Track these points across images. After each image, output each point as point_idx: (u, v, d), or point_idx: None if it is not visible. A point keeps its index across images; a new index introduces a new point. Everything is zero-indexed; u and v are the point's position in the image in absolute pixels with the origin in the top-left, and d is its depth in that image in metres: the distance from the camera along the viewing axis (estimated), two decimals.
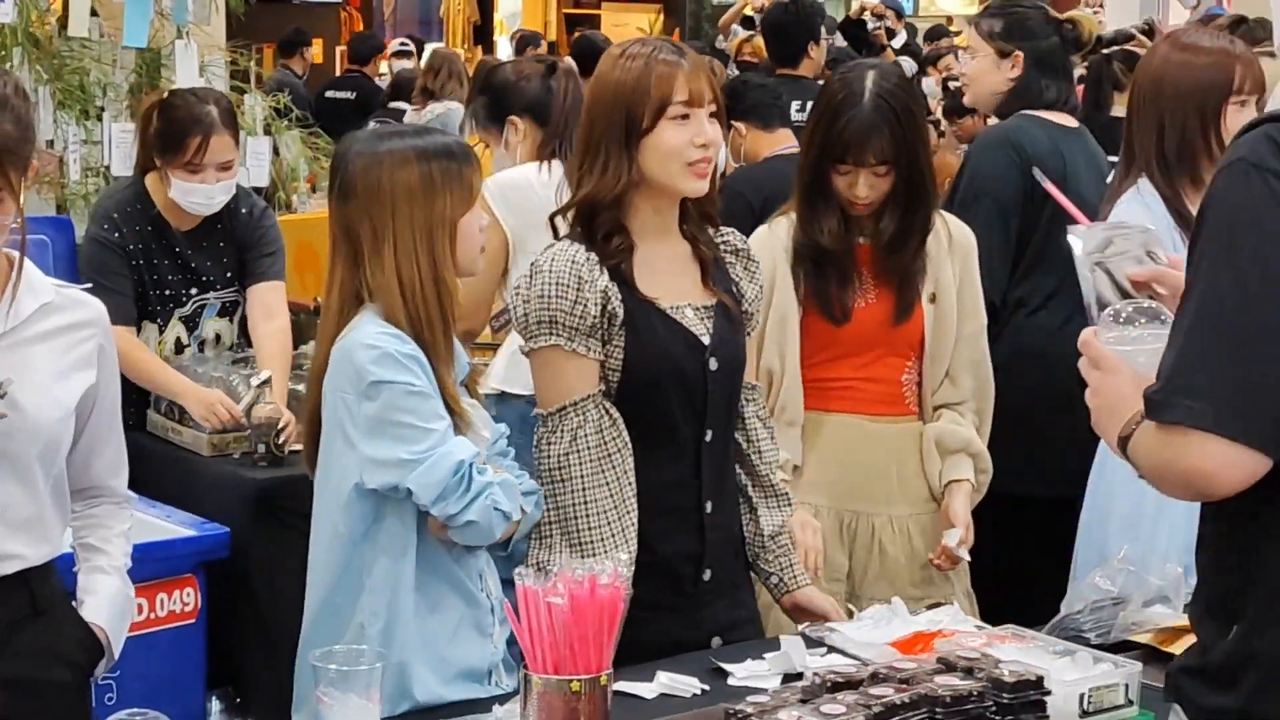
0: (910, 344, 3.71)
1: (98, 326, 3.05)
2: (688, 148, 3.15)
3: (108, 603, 3.13)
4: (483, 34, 20.08)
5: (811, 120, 3.71)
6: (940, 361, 3.73)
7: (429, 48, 14.01)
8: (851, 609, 3.46)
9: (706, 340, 3.26)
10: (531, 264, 3.24)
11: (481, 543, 3.13)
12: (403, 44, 13.75)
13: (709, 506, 3.28)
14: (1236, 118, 3.69)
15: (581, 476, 3.18)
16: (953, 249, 3.73)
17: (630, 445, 3.20)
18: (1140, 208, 3.74)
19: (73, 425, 2.99)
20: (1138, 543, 3.53)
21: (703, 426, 3.27)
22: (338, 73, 16.02)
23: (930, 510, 3.76)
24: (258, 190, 6.00)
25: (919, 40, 13.23)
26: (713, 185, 3.24)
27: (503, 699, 2.89)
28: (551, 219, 3.35)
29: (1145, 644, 3.14)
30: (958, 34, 14.36)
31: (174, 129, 4.75)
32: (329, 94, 11.94)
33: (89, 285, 3.13)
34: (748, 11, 11.28)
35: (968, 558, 3.69)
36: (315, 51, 13.65)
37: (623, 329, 3.19)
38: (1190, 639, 3.06)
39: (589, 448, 3.18)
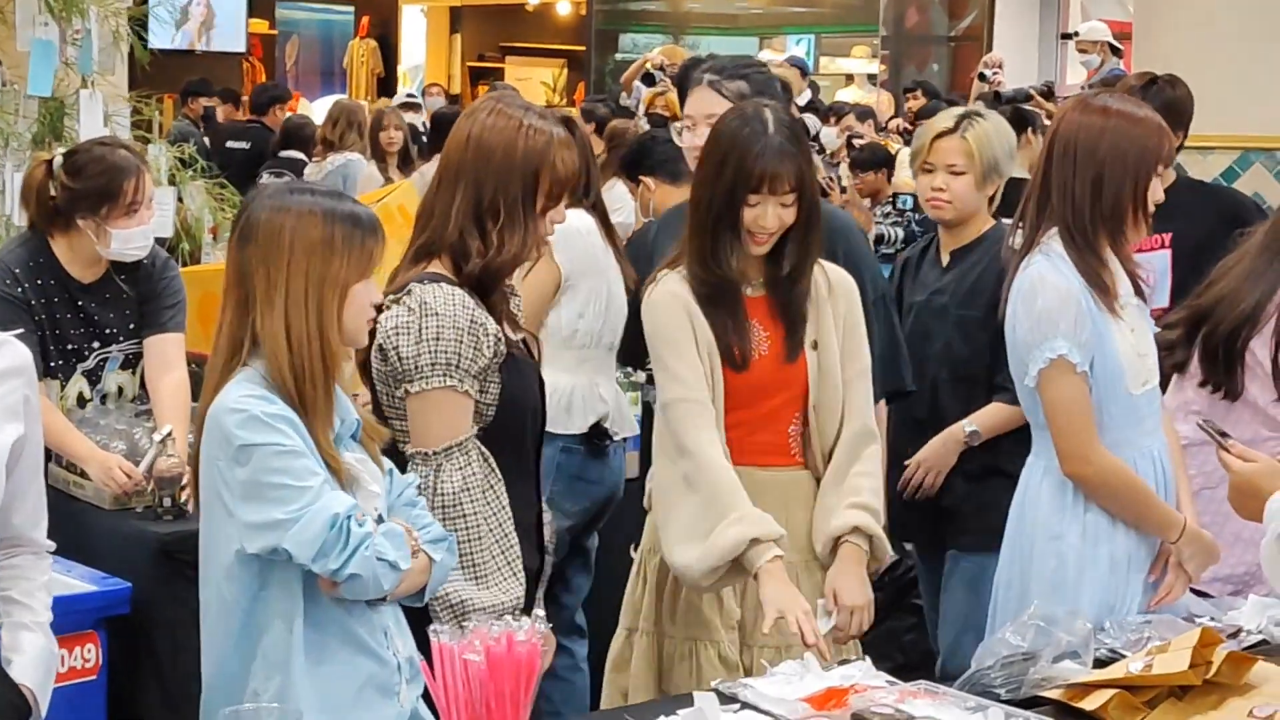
0: (797, 394, 3.72)
1: (24, 376, 3.00)
2: (551, 226, 3.46)
3: (34, 661, 3.08)
4: (386, 85, 20.05)
5: (714, 157, 3.66)
6: (826, 410, 3.72)
7: (328, 99, 13.97)
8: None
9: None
10: (405, 303, 3.31)
11: (369, 596, 3.09)
12: (410, 95, 13.61)
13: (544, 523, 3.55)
14: (1156, 187, 3.74)
15: (475, 513, 3.33)
16: (833, 295, 3.74)
17: (501, 479, 3.38)
18: (1051, 271, 3.73)
19: (3, 478, 2.95)
20: (1062, 603, 3.56)
21: (539, 453, 3.53)
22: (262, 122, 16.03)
23: (813, 558, 3.73)
24: (161, 242, 5.96)
25: (820, 98, 13.35)
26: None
27: None
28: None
29: (1055, 699, 3.16)
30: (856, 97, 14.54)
31: (106, 179, 4.67)
32: (229, 144, 11.86)
33: (17, 332, 3.09)
34: (648, 68, 11.33)
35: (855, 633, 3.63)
36: (217, 102, 13.52)
37: (499, 370, 3.37)
38: (1102, 694, 3.10)
39: (477, 485, 3.33)
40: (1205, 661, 3.16)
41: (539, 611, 2.60)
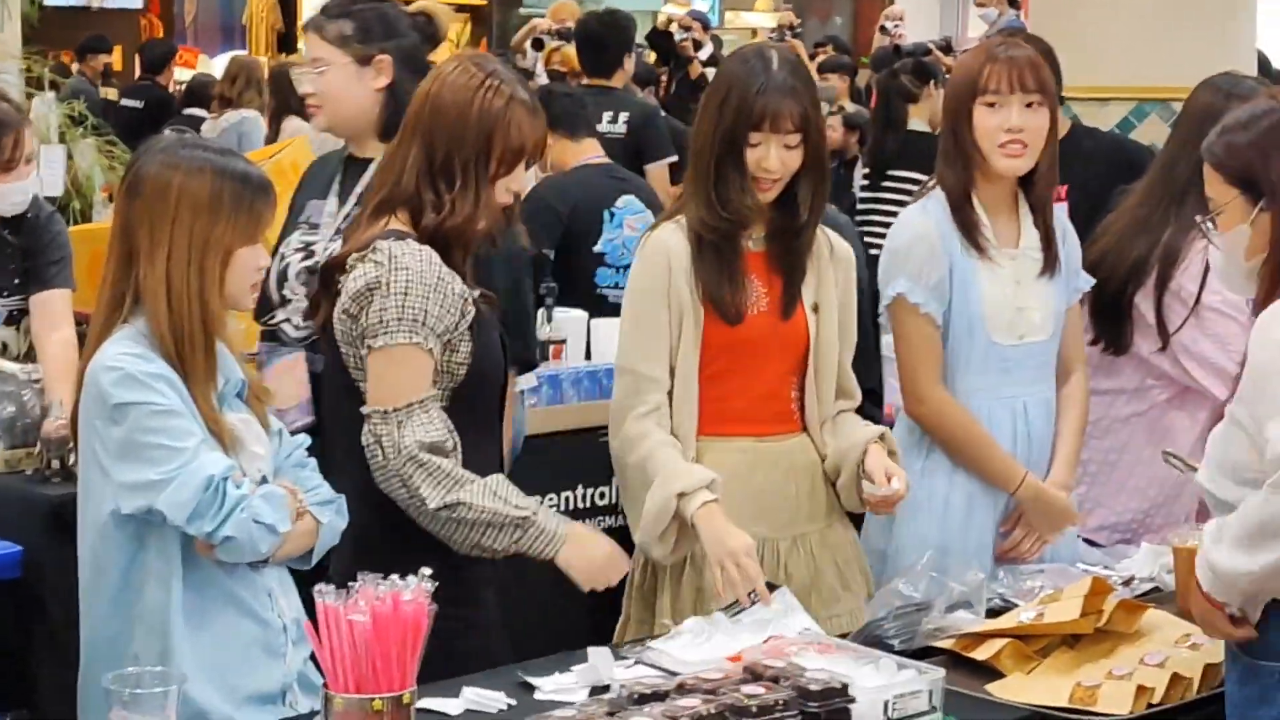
0: (796, 355, 3.62)
1: None
2: (507, 194, 3.33)
3: None
4: (286, 41, 19.82)
5: (715, 96, 3.56)
6: (823, 375, 3.64)
7: (227, 55, 13.78)
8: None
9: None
10: (372, 259, 3.20)
11: (246, 559, 3.06)
12: None
13: None
14: (990, 117, 3.74)
15: (441, 468, 3.20)
16: (835, 261, 3.66)
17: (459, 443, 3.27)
18: (917, 213, 3.83)
19: None
20: (888, 535, 3.68)
21: (501, 414, 3.46)
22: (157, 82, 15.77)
23: (831, 521, 3.67)
24: (51, 200, 5.86)
25: (723, 52, 13.30)
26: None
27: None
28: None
29: (948, 649, 3.17)
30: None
31: None
32: (123, 103, 11.66)
33: None
34: (538, 35, 11.24)
35: (900, 487, 3.52)
36: (115, 59, 13.31)
37: (468, 331, 3.26)
38: (995, 644, 3.11)
39: (443, 446, 3.21)
40: (1097, 610, 3.18)
41: (425, 570, 2.56)
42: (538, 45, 10.39)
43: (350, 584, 2.52)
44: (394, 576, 2.52)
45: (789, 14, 13.76)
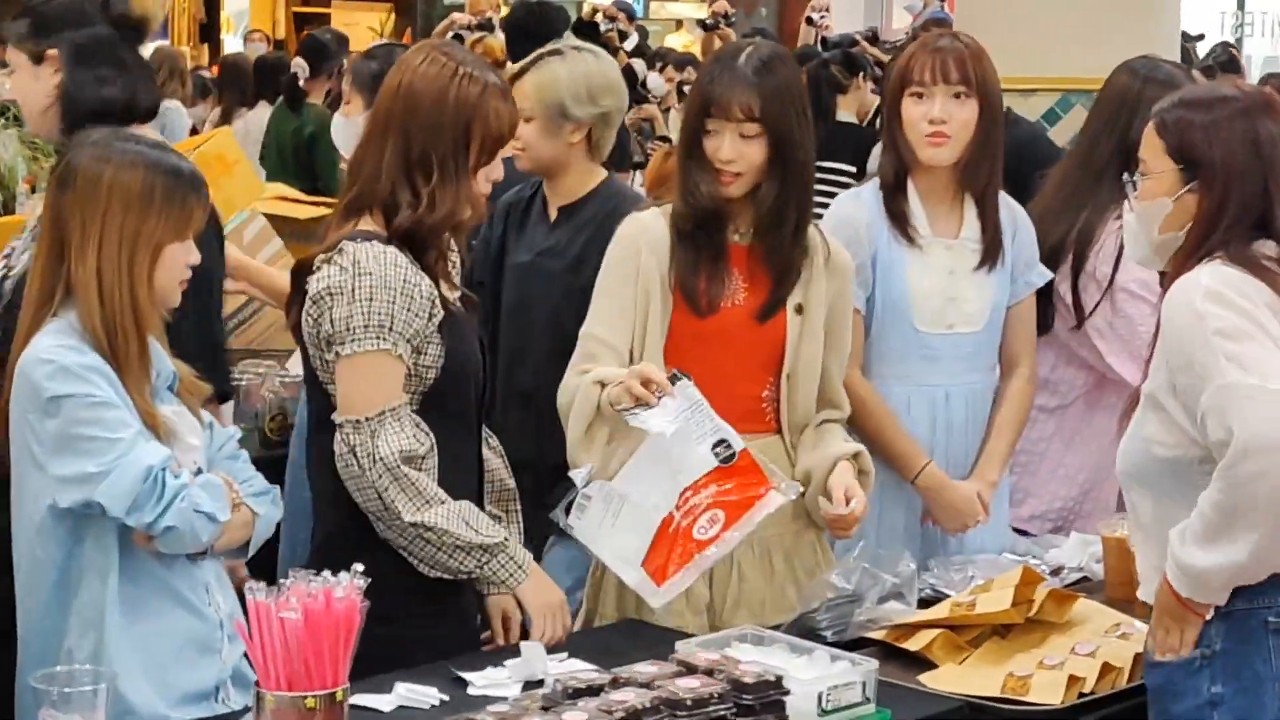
0: (772, 355, 3.54)
1: None
2: (486, 184, 3.26)
3: None
4: (209, 32, 19.68)
5: (694, 88, 3.59)
6: (801, 379, 3.55)
7: (150, 46, 13.63)
8: None
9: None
10: (337, 262, 3.13)
11: (188, 549, 3.03)
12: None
13: (486, 490, 3.39)
14: (914, 109, 3.77)
15: (419, 480, 3.14)
16: (829, 267, 3.58)
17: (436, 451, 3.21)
18: (848, 200, 3.89)
19: None
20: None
21: (480, 416, 3.37)
22: None
23: (795, 529, 3.57)
24: None
25: (649, 43, 13.30)
26: None
27: (232, 717, 2.81)
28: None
29: (881, 640, 3.18)
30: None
31: None
32: None
33: None
34: (455, 30, 11.19)
35: (857, 509, 3.41)
36: None
37: (438, 332, 3.19)
38: (926, 634, 3.13)
39: (419, 453, 3.15)
40: (1027, 600, 3.20)
41: (358, 566, 2.54)
42: (458, 40, 10.36)
43: (281, 581, 2.50)
44: (325, 573, 2.49)
45: (722, 2, 13.77)
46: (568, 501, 3.20)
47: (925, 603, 3.35)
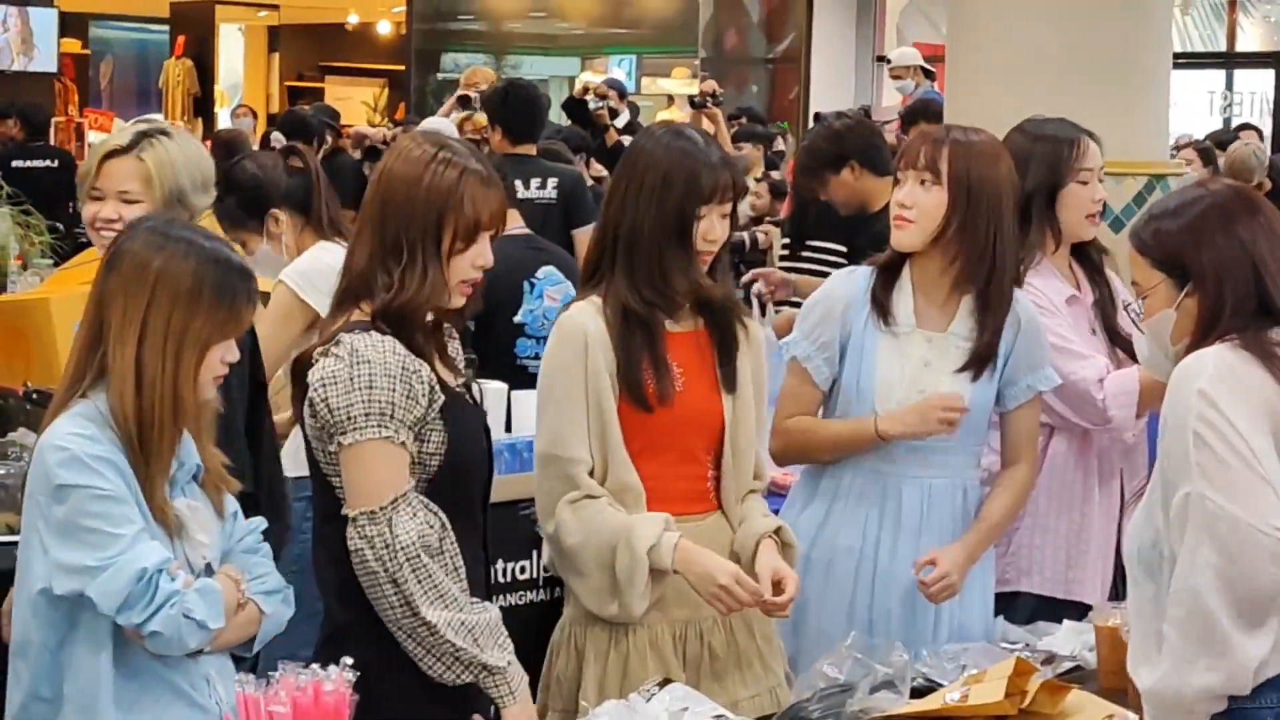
0: (713, 437, 3.59)
1: None
2: (472, 270, 3.21)
3: None
4: (203, 106, 19.77)
5: (651, 179, 3.50)
6: (740, 455, 3.61)
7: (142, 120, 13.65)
8: None
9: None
10: (334, 353, 3.11)
11: (171, 653, 3.00)
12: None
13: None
14: (896, 192, 3.82)
15: (435, 561, 3.12)
16: (750, 342, 3.65)
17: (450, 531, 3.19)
18: (838, 278, 3.96)
19: None
20: None
21: (485, 505, 3.36)
22: (54, 144, 15.59)
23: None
24: None
25: (640, 120, 13.36)
26: None
27: None
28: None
29: None
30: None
31: None
32: (18, 164, 11.36)
33: None
34: (462, 91, 11.24)
35: (789, 595, 3.48)
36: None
37: (440, 417, 3.17)
38: None
39: (433, 536, 3.12)
40: (1021, 691, 3.17)
41: (347, 660, 2.52)
42: (464, 103, 10.40)
43: (270, 674, 2.48)
44: (315, 666, 2.48)
45: (711, 81, 13.83)
46: None
47: (917, 692, 3.33)
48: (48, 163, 11.61)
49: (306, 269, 4.54)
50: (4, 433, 4.80)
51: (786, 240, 7.84)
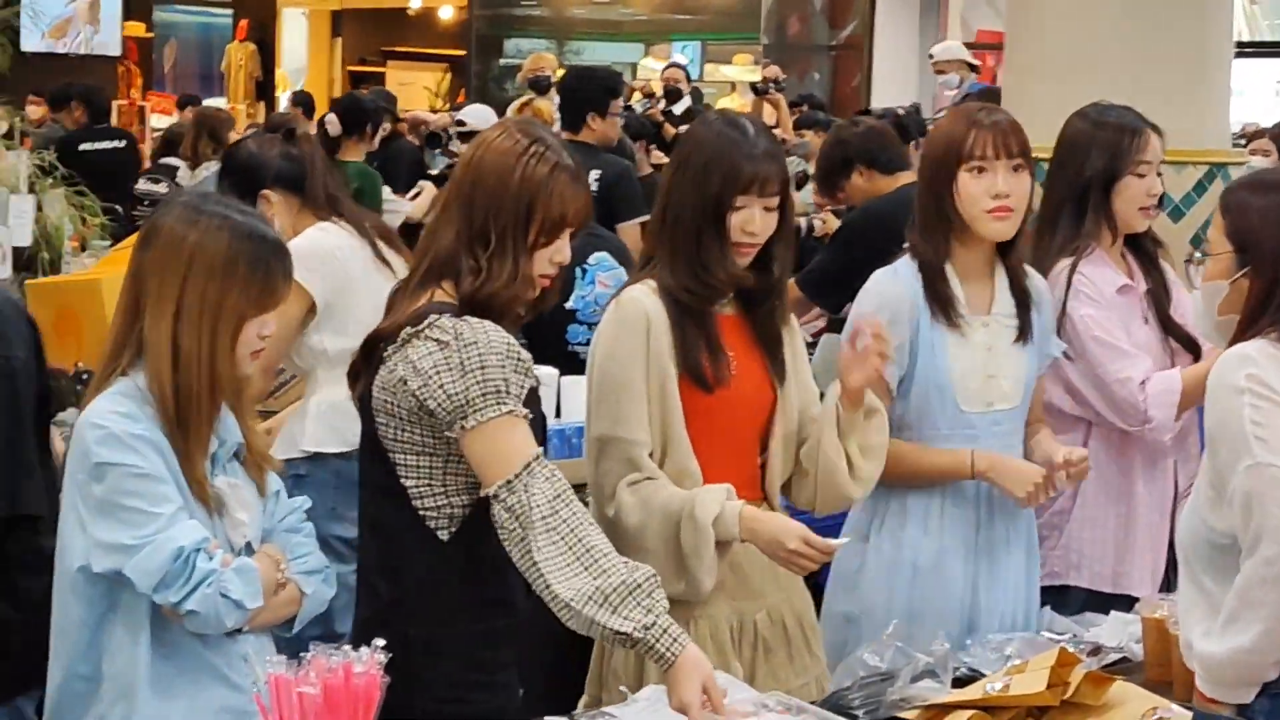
0: (761, 422, 3.58)
1: None
2: (550, 265, 3.20)
3: None
4: (265, 90, 19.86)
5: (694, 164, 3.50)
6: (785, 443, 3.60)
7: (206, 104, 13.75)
8: None
9: None
10: (432, 336, 3.07)
11: (209, 631, 3.01)
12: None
13: None
14: (975, 183, 3.75)
15: (576, 515, 3.05)
16: (790, 333, 3.64)
17: None
18: (886, 278, 3.86)
19: None
20: (859, 603, 3.70)
21: None
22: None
23: (792, 590, 3.62)
24: (19, 250, 5.83)
25: (702, 105, 13.33)
26: None
27: None
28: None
29: None
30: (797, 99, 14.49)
31: None
32: (101, 145, 11.48)
33: None
34: (535, 75, 11.26)
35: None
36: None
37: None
38: (959, 715, 3.08)
39: (567, 493, 3.06)
40: (1063, 681, 3.14)
41: (379, 641, 2.52)
42: (535, 85, 10.42)
43: (302, 655, 2.48)
44: (346, 647, 2.47)
45: (774, 68, 13.77)
46: None
47: (961, 682, 3.30)
48: (115, 143, 11.67)
49: (302, 251, 4.55)
50: (56, 412, 4.83)
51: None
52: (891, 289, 3.81)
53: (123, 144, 11.77)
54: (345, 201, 4.93)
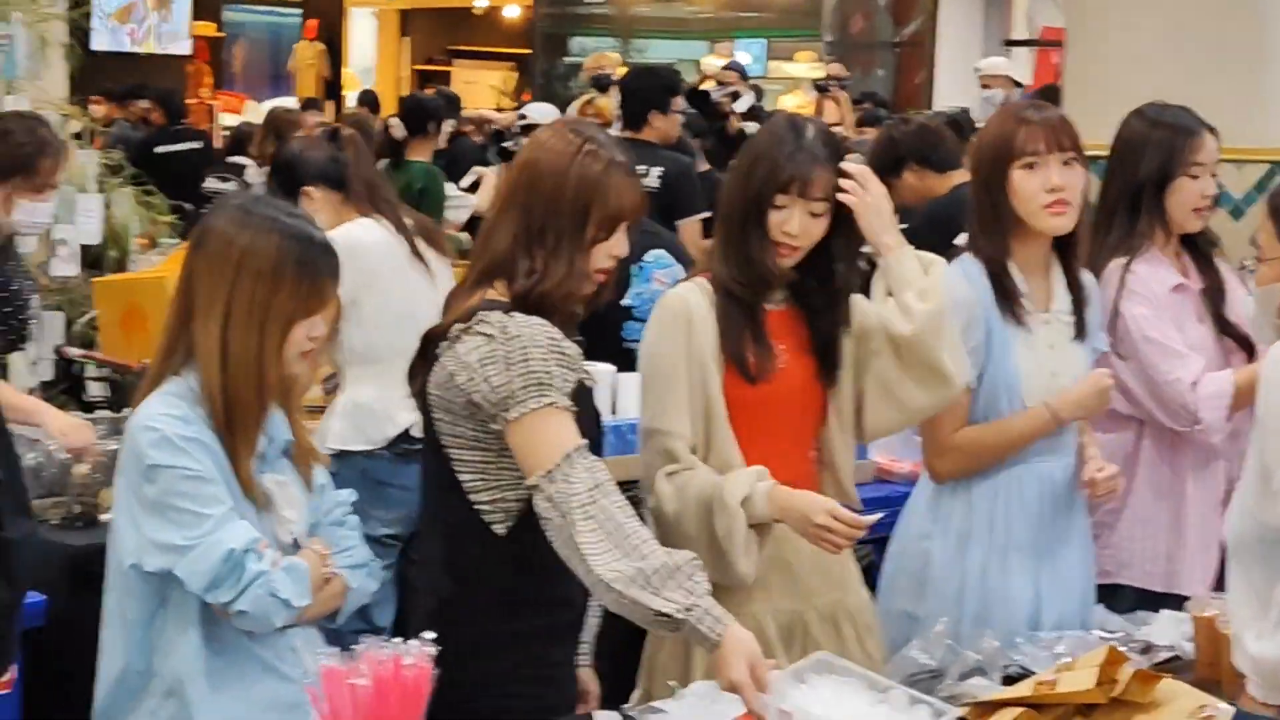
0: (815, 417, 3.60)
1: None
2: (608, 260, 3.22)
3: None
4: (333, 89, 19.98)
5: (745, 160, 3.55)
6: (841, 443, 3.63)
7: (270, 104, 13.82)
8: None
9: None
10: (480, 330, 3.11)
11: (259, 630, 3.05)
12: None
13: None
14: (1029, 180, 3.76)
15: (616, 504, 3.07)
16: (857, 331, 3.63)
17: None
18: (961, 281, 3.81)
19: None
20: (925, 602, 3.68)
21: None
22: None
23: (848, 589, 3.64)
24: (88, 248, 5.92)
25: (763, 102, 13.34)
26: None
27: None
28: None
29: (962, 717, 3.14)
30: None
31: (25, 150, 4.76)
32: (162, 149, 11.58)
33: None
34: (594, 75, 11.32)
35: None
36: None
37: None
38: (1008, 712, 3.09)
39: (607, 483, 3.08)
40: (1111, 679, 3.15)
41: (427, 634, 2.56)
42: (597, 84, 10.48)
43: (354, 647, 2.52)
44: (396, 640, 2.51)
45: (837, 65, 13.76)
46: None
47: (1011, 679, 3.31)
48: (193, 145, 11.80)
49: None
50: (121, 407, 4.91)
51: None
52: (964, 292, 3.78)
53: (199, 145, 11.89)
54: (387, 198, 5.01)
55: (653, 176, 7.05)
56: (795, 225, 3.48)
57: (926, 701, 2.86)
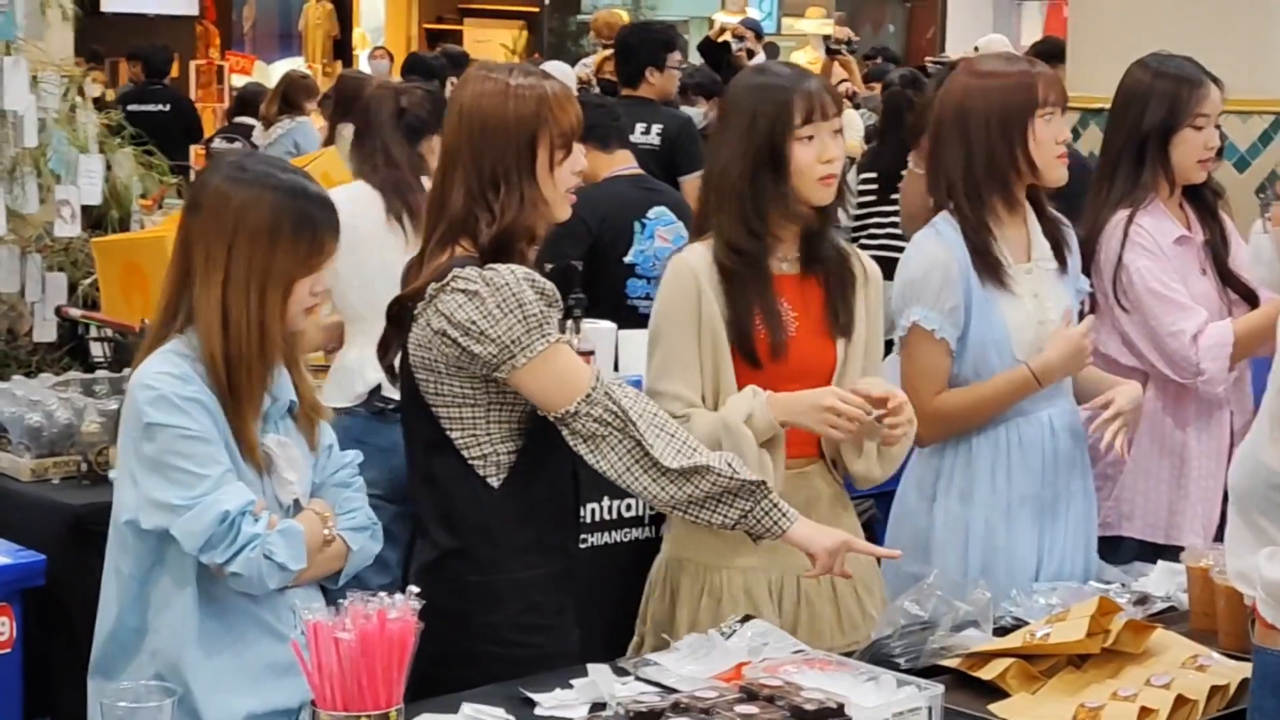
0: (823, 379, 3.53)
1: None
2: (573, 176, 3.26)
3: None
4: (342, 48, 19.93)
5: (738, 115, 3.48)
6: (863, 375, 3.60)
7: (284, 62, 13.83)
8: None
9: None
10: (460, 287, 3.11)
11: (253, 592, 3.04)
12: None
13: None
14: (1047, 129, 3.73)
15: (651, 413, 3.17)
16: (868, 285, 3.61)
17: None
18: (930, 239, 3.79)
19: None
20: (932, 562, 3.64)
21: None
22: (193, 88, 15.81)
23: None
24: (88, 209, 5.91)
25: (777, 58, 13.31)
26: None
27: None
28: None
29: (954, 668, 3.15)
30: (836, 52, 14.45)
31: None
32: (134, 107, 11.43)
33: None
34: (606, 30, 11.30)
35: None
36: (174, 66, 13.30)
37: None
38: (1000, 663, 3.09)
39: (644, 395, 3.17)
40: (1103, 630, 3.15)
41: (413, 588, 2.56)
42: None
43: (339, 602, 2.53)
44: (382, 594, 2.51)
45: (846, 29, 13.71)
46: None
47: (1004, 630, 3.32)
48: (160, 106, 11.65)
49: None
50: (123, 368, 4.92)
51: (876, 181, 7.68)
52: (939, 253, 3.76)
53: (167, 108, 11.73)
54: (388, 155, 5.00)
55: (653, 133, 7.04)
56: (833, 147, 3.46)
57: (912, 683, 2.85)
